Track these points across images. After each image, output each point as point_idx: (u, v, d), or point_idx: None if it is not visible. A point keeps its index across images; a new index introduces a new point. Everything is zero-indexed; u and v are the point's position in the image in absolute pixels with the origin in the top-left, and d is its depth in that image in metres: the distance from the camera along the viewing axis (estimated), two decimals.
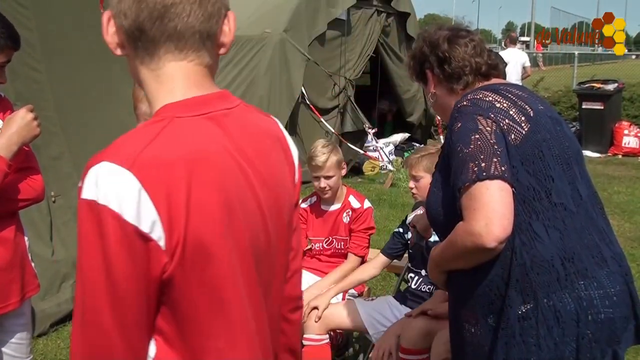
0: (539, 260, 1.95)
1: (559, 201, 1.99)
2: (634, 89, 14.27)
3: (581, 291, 1.94)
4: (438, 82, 2.30)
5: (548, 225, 1.97)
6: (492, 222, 1.85)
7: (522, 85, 2.35)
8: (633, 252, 6.45)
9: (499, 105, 2.05)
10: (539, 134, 2.03)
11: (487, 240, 1.85)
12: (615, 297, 1.98)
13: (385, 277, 5.54)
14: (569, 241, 1.97)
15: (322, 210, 3.97)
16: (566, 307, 1.93)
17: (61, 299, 4.68)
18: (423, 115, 12.15)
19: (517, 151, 1.98)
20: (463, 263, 2.04)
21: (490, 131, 1.97)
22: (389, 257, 3.70)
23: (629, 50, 51.96)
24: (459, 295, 2.17)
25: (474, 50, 2.25)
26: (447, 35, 2.27)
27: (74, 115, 5.18)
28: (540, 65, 25.36)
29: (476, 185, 1.90)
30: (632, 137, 12.54)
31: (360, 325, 3.59)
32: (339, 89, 9.72)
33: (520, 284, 1.95)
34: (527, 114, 2.05)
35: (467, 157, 1.94)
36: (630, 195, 9.12)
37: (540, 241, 1.95)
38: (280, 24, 8.69)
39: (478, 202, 1.89)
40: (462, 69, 2.23)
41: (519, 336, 1.96)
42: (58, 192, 4.85)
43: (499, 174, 1.89)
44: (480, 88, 2.18)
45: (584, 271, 1.96)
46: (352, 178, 9.88)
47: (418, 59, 2.35)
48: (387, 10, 10.82)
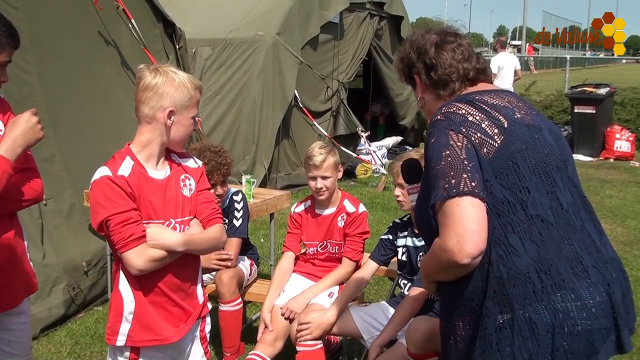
0: (515, 273, 1.95)
1: (536, 213, 1.98)
2: (626, 93, 14.35)
3: (557, 303, 1.94)
4: (425, 87, 2.28)
5: (524, 238, 1.96)
6: (463, 239, 1.87)
7: (502, 90, 2.29)
8: (625, 257, 6.46)
9: (471, 118, 2.03)
10: (513, 146, 2.01)
11: (459, 257, 1.88)
12: (594, 309, 1.96)
13: (379, 281, 5.52)
14: (545, 253, 1.96)
15: (316, 214, 3.94)
16: (542, 319, 1.93)
17: (52, 303, 4.64)
18: (415, 118, 12.16)
19: (490, 165, 1.97)
20: (444, 276, 2.06)
21: (461, 146, 1.96)
22: (378, 264, 3.70)
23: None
24: (444, 304, 2.20)
25: (462, 56, 2.22)
26: (435, 40, 2.24)
27: (65, 117, 5.15)
28: (532, 69, 25.45)
29: (447, 202, 1.91)
30: (623, 141, 12.58)
31: (354, 331, 3.57)
32: (332, 92, 9.71)
33: (498, 296, 1.96)
34: (500, 125, 2.03)
35: (438, 174, 1.96)
36: (622, 199, 9.14)
37: (516, 254, 1.95)
38: (273, 27, 8.67)
39: (449, 219, 1.91)
40: (448, 76, 2.21)
41: (496, 345, 1.97)
42: (49, 195, 4.81)
43: (469, 190, 1.90)
44: (455, 99, 2.15)
45: (561, 283, 1.95)
46: (345, 181, 9.87)
47: (406, 63, 2.33)
48: (379, 13, 10.82)
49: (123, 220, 2.38)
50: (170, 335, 2.55)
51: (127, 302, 2.50)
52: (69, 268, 4.80)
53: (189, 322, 2.61)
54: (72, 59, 5.34)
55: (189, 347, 2.69)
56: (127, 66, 5.87)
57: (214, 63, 8.67)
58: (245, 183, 4.83)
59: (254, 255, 4.48)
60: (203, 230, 2.60)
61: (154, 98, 2.43)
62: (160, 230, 2.47)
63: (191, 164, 2.66)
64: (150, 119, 2.46)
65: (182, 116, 2.47)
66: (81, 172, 5.12)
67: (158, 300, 2.52)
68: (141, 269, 2.41)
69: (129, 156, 2.48)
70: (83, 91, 5.39)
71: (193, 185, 2.62)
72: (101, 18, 5.57)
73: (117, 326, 2.52)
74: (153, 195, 2.48)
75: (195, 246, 2.56)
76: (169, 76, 2.45)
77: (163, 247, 2.44)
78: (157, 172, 2.53)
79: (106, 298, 5.16)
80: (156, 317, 2.52)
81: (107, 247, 5.11)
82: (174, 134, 2.49)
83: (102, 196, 2.40)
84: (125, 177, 2.42)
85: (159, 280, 2.50)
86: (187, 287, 2.60)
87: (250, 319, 4.76)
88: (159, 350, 2.58)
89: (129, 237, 2.38)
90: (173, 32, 6.53)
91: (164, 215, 2.50)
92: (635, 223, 7.80)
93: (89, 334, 4.60)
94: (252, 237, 5.47)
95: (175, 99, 2.44)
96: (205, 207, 2.63)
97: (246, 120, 8.56)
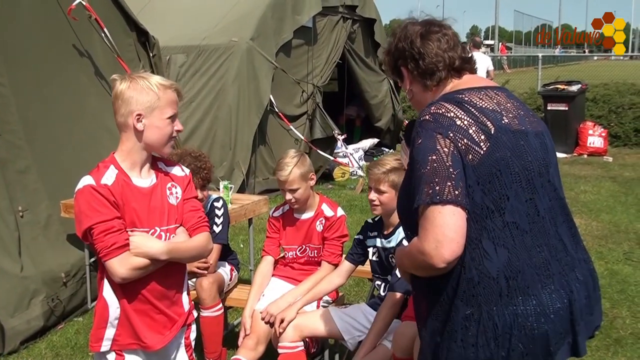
0: (485, 276, 2.01)
1: (512, 220, 2.03)
2: (597, 89, 14.54)
3: (519, 307, 2.01)
4: (413, 78, 2.29)
5: (497, 244, 2.02)
6: (441, 245, 1.94)
7: (492, 87, 2.30)
8: (601, 250, 6.56)
9: (459, 122, 2.05)
10: (497, 153, 2.04)
11: (435, 261, 1.95)
12: (553, 315, 2.04)
13: (359, 282, 5.55)
14: (516, 260, 2.02)
15: (294, 218, 3.96)
16: (502, 321, 2.00)
17: (31, 316, 4.61)
18: (391, 120, 12.22)
19: (474, 171, 2.00)
20: (418, 273, 2.14)
21: (447, 152, 2.00)
22: (353, 263, 3.71)
23: (590, 52, 52.82)
24: (417, 295, 2.27)
25: (447, 45, 2.24)
26: (420, 31, 2.25)
27: (39, 128, 5.12)
28: (505, 68, 25.72)
29: (430, 208, 1.96)
30: (596, 137, 12.75)
31: (335, 332, 3.60)
32: (307, 95, 9.74)
33: (467, 296, 2.03)
34: (487, 131, 2.05)
35: (423, 178, 1.99)
36: (596, 194, 9.27)
37: (488, 259, 2.01)
38: (247, 33, 8.68)
39: (431, 224, 1.96)
40: (435, 65, 2.22)
41: (460, 342, 2.04)
42: (25, 206, 4.79)
43: (452, 199, 1.95)
44: (444, 98, 2.16)
45: (525, 289, 2.02)
46: (323, 184, 9.91)
47: (392, 55, 2.34)
48: (352, 16, 10.87)
49: (106, 229, 2.40)
50: (154, 343, 2.57)
51: (112, 308, 2.53)
52: (47, 279, 4.77)
53: (173, 329, 2.63)
54: (46, 70, 5.31)
55: (173, 354, 2.70)
56: (101, 75, 5.85)
57: (188, 70, 8.66)
58: (223, 189, 4.84)
59: (234, 260, 4.49)
60: (188, 239, 2.61)
61: (122, 105, 2.45)
62: (143, 238, 2.48)
63: (178, 172, 2.67)
64: (124, 127, 2.49)
65: (153, 118, 2.47)
66: (58, 183, 5.11)
67: (142, 307, 2.54)
68: (124, 277, 2.43)
69: (112, 165, 2.50)
70: (57, 101, 5.36)
71: (179, 194, 2.62)
72: (73, 28, 5.55)
73: (102, 332, 2.54)
74: (137, 203, 2.50)
75: (179, 254, 2.57)
76: (134, 81, 2.46)
77: (146, 255, 2.46)
78: (142, 180, 2.54)
79: (86, 309, 5.14)
80: (140, 324, 2.54)
81: (86, 258, 5.09)
82: (149, 137, 2.49)
83: (85, 205, 2.42)
84: (108, 185, 2.44)
85: (143, 288, 2.52)
86: (172, 294, 2.62)
87: (231, 325, 4.77)
88: (143, 355, 2.60)
89: (112, 245, 2.40)
90: (146, 40, 6.52)
91: (148, 223, 2.52)
92: (609, 217, 7.91)
93: (69, 345, 4.58)
94: (231, 242, 5.47)
95: (140, 101, 2.44)
96: (191, 215, 2.64)
97: (222, 126, 8.56)
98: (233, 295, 4.39)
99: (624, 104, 13.86)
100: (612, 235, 7.15)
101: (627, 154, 12.85)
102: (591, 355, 4.19)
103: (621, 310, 5.04)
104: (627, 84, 14.79)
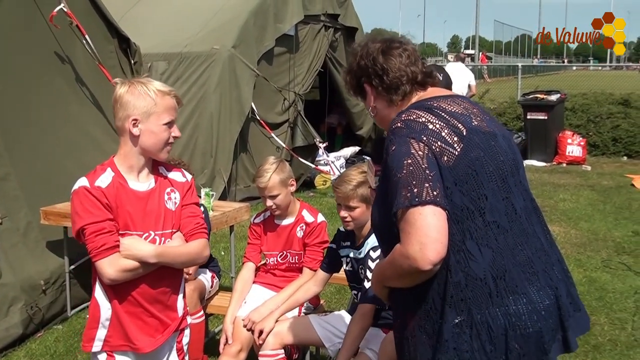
0: (473, 278, 2.01)
1: (493, 219, 2.04)
2: (576, 99, 14.71)
3: (510, 307, 2.02)
4: (377, 94, 2.30)
5: (481, 244, 2.03)
6: (425, 247, 1.92)
7: (456, 95, 2.34)
8: (579, 258, 6.63)
9: (431, 126, 2.07)
10: (472, 153, 2.06)
11: (421, 263, 1.93)
12: (544, 312, 2.05)
13: (340, 290, 5.57)
14: (500, 259, 2.03)
15: (275, 224, 3.97)
16: (496, 322, 2.00)
17: (10, 323, 4.57)
18: (372, 128, 12.25)
19: (450, 173, 2.01)
20: (403, 282, 2.09)
21: (422, 155, 2.00)
22: (327, 272, 3.71)
23: (569, 62, 53.34)
24: (398, 309, 2.24)
25: (409, 60, 2.26)
26: (381, 47, 2.28)
27: (19, 135, 5.09)
28: (485, 77, 25.92)
29: (410, 210, 1.95)
30: (575, 146, 12.88)
31: (316, 339, 3.60)
32: (289, 103, 9.75)
33: (455, 300, 2.02)
34: (459, 133, 2.07)
35: (399, 182, 1.99)
36: (575, 202, 9.36)
37: (474, 260, 2.02)
38: (228, 40, 8.69)
39: (412, 226, 1.95)
40: (399, 79, 2.24)
41: (453, 349, 2.02)
42: (4, 213, 4.75)
43: (431, 199, 1.94)
44: (414, 106, 2.19)
45: (514, 287, 2.03)
46: (304, 192, 9.92)
47: (354, 74, 2.35)
48: (334, 25, 10.91)
49: (97, 230, 2.44)
50: (144, 345, 2.59)
51: (103, 309, 2.56)
52: (26, 287, 4.73)
53: (165, 333, 2.65)
54: (26, 76, 5.28)
55: (165, 358, 2.72)
56: (82, 82, 5.83)
57: (170, 77, 8.64)
58: (204, 196, 4.83)
59: (215, 268, 4.48)
60: (182, 244, 2.62)
61: (120, 109, 2.50)
62: (134, 241, 2.51)
63: (179, 177, 2.70)
64: (122, 131, 2.53)
65: (149, 123, 2.50)
66: (37, 190, 5.07)
67: (134, 310, 2.57)
68: (112, 279, 2.46)
69: (110, 168, 2.54)
70: (37, 108, 5.33)
71: (178, 199, 2.64)
72: (54, 34, 5.53)
73: (94, 332, 2.58)
74: (132, 206, 2.53)
75: (170, 259, 2.58)
76: (132, 86, 2.50)
77: (135, 257, 2.49)
78: (139, 184, 2.57)
79: (66, 316, 5.10)
80: (131, 326, 2.57)
81: (66, 265, 5.06)
82: (144, 142, 2.52)
83: (79, 206, 2.47)
84: (102, 188, 2.48)
85: (134, 290, 2.54)
86: (166, 299, 2.64)
87: (212, 332, 4.76)
88: (133, 357, 2.62)
89: (102, 246, 2.44)
90: (128, 47, 6.51)
91: (142, 227, 2.54)
92: (587, 225, 8.00)
93: (48, 353, 4.54)
94: (212, 250, 5.47)
95: (137, 106, 2.48)
96: (189, 221, 2.65)
97: (204, 134, 8.55)
98: (214, 303, 4.38)
99: (602, 113, 14.03)
100: (590, 243, 7.22)
101: (605, 163, 13.00)
102: None
103: (599, 317, 5.09)
104: (606, 94, 14.98)
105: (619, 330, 4.87)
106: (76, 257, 5.12)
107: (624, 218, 8.37)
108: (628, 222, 8.16)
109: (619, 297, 5.55)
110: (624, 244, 7.17)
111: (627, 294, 5.60)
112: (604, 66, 37.93)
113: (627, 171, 11.92)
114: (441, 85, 2.42)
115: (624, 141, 13.63)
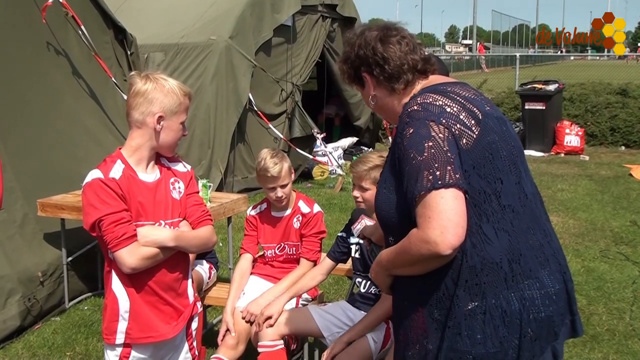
0: (488, 262, 1.99)
1: (507, 203, 2.03)
2: (574, 89, 14.69)
3: (525, 291, 2.01)
4: (377, 83, 2.26)
5: (497, 228, 2.01)
6: (447, 230, 1.88)
7: (463, 82, 2.32)
8: (577, 248, 6.63)
9: (449, 109, 2.05)
10: (488, 137, 2.05)
11: (442, 247, 1.89)
12: (555, 296, 2.06)
13: (338, 280, 5.56)
14: (516, 243, 2.02)
15: (272, 216, 3.96)
16: (511, 307, 1.99)
17: (7, 315, 4.56)
18: (370, 119, 12.25)
19: (469, 155, 2.00)
20: (417, 269, 2.05)
21: (443, 138, 1.98)
22: (334, 261, 3.72)
23: (567, 52, 53.32)
24: (406, 295, 2.19)
25: (408, 47, 2.23)
26: (378, 36, 2.24)
27: (14, 127, 5.07)
28: (483, 67, 25.90)
29: (431, 193, 1.91)
30: (573, 136, 12.88)
31: (315, 330, 3.60)
32: (286, 94, 9.73)
33: (469, 285, 1.99)
34: (476, 117, 2.06)
35: (421, 165, 1.95)
36: (573, 192, 9.36)
37: (490, 243, 1.99)
38: (225, 31, 8.65)
39: (433, 210, 1.91)
40: (400, 68, 2.21)
41: (465, 333, 2.00)
42: None
43: (454, 182, 1.92)
44: (428, 90, 2.16)
45: (528, 272, 2.02)
46: (302, 183, 9.91)
47: (352, 63, 2.30)
48: (332, 15, 10.87)
49: (115, 220, 2.47)
50: (166, 332, 2.66)
51: (122, 301, 2.60)
52: (24, 279, 4.72)
53: (181, 320, 2.71)
54: (20, 68, 5.26)
55: (180, 344, 2.78)
56: (77, 73, 5.81)
57: (166, 68, 8.60)
58: (201, 187, 4.82)
59: (212, 259, 4.47)
60: (193, 230, 2.70)
61: (144, 104, 2.52)
62: (150, 228, 2.57)
63: (180, 168, 2.77)
64: (140, 124, 2.55)
65: (171, 121, 2.57)
66: (33, 182, 5.05)
67: (150, 299, 2.62)
68: (134, 267, 2.51)
69: (119, 160, 2.57)
70: (32, 100, 5.31)
71: (182, 189, 2.71)
72: (49, 25, 5.50)
73: (115, 325, 2.62)
74: (143, 197, 2.58)
75: (185, 242, 2.65)
76: (159, 82, 2.54)
77: (154, 243, 2.54)
78: (147, 175, 2.62)
79: (63, 308, 5.09)
80: (150, 315, 2.62)
81: (64, 257, 5.04)
82: (163, 138, 2.59)
83: (94, 197, 2.49)
84: (116, 179, 2.51)
85: (150, 279, 2.60)
86: (178, 286, 2.70)
87: (210, 323, 4.75)
88: (152, 346, 2.67)
89: (122, 236, 2.48)
90: (124, 38, 6.48)
91: (153, 216, 2.60)
92: (586, 215, 8.00)
93: (46, 345, 4.53)
94: None
95: (165, 104, 2.53)
96: (195, 209, 2.73)
97: (201, 125, 8.52)
98: (212, 294, 4.37)
99: (600, 103, 14.03)
100: (588, 233, 7.22)
101: (603, 153, 13.01)
102: (568, 351, 4.24)
103: (597, 307, 5.10)
104: (604, 84, 14.98)
105: (617, 320, 4.87)
106: (74, 249, 5.11)
107: (622, 208, 8.38)
108: (626, 212, 8.17)
109: (617, 287, 5.55)
110: (622, 233, 7.18)
111: (625, 284, 5.61)
112: (601, 56, 37.89)
113: (625, 161, 11.93)
114: (441, 73, 2.40)
115: (622, 131, 13.65)
